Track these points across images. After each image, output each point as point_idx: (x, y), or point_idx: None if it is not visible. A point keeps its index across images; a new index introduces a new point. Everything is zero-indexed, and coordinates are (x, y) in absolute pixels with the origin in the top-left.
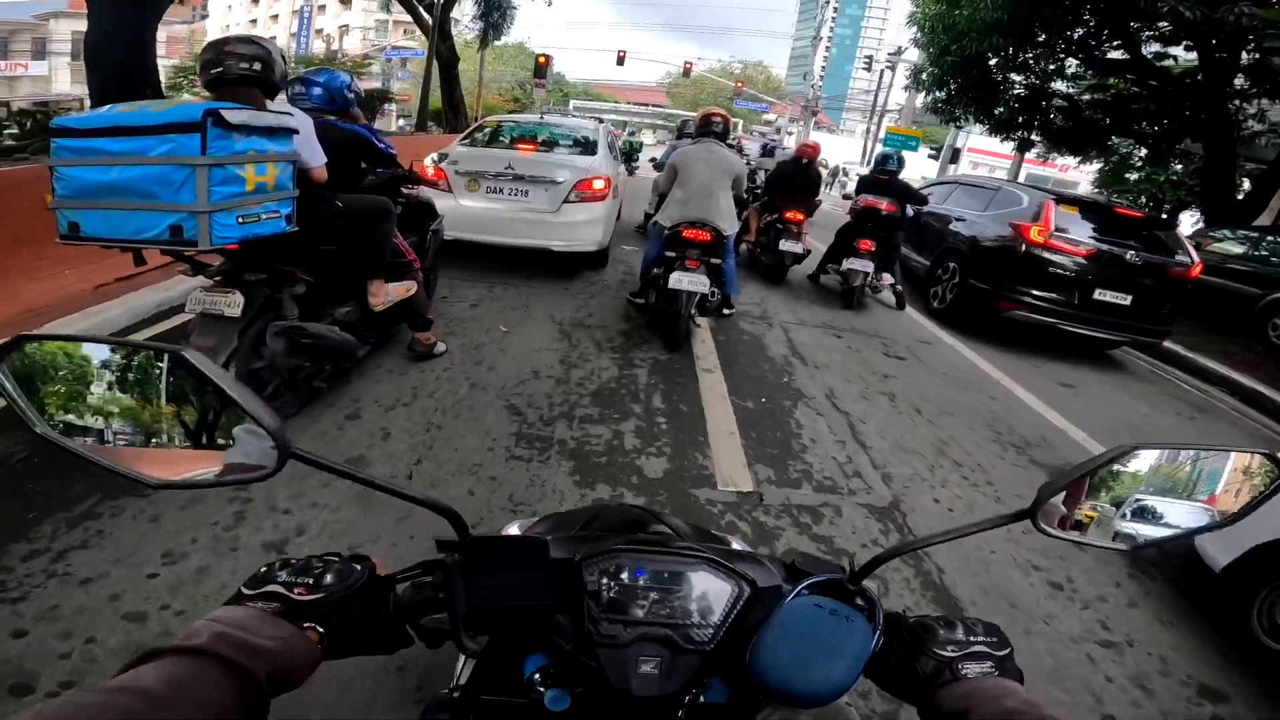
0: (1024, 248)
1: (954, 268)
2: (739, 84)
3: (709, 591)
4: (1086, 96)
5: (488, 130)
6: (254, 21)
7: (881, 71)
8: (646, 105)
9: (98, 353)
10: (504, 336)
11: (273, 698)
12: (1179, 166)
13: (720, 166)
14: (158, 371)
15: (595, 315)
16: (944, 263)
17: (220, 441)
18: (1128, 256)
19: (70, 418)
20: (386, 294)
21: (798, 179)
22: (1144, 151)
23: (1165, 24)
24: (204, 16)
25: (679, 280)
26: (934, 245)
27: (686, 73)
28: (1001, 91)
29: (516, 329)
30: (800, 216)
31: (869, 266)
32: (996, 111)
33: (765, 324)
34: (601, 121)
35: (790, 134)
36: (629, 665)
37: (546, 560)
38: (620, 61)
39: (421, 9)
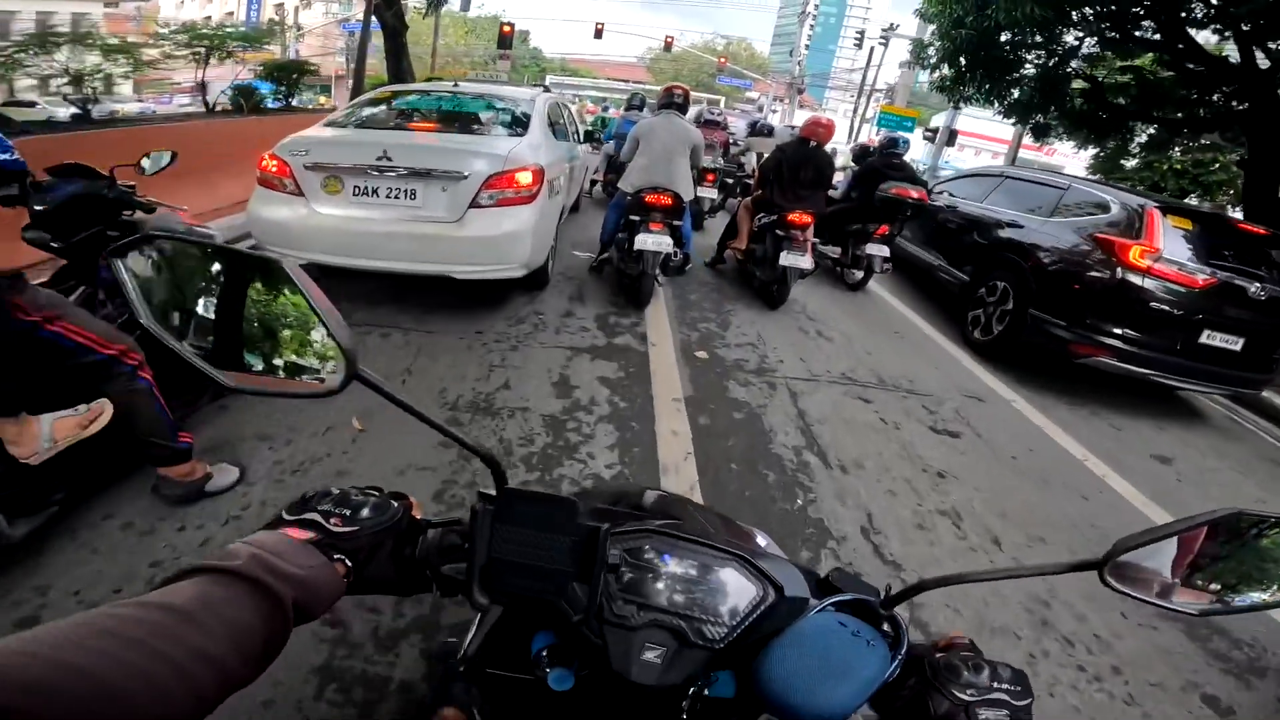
0: (1117, 273)
1: (1005, 289)
2: (722, 60)
3: (733, 590)
4: (1110, 78)
5: (376, 104)
6: None
7: (871, 49)
8: (626, 81)
9: (204, 256)
10: (354, 442)
11: (295, 625)
12: (1209, 157)
13: (680, 136)
14: (252, 278)
15: (515, 386)
16: (989, 281)
17: (293, 354)
18: (1252, 290)
19: (170, 313)
20: (39, 437)
21: (804, 168)
22: (1172, 142)
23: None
24: None
25: (644, 241)
26: (965, 252)
27: (668, 47)
28: (1019, 70)
29: (378, 422)
30: (808, 219)
31: (886, 251)
32: (1014, 93)
33: (765, 385)
34: (547, 90)
35: (774, 112)
36: (632, 649)
37: (574, 525)
38: (598, 35)
39: None
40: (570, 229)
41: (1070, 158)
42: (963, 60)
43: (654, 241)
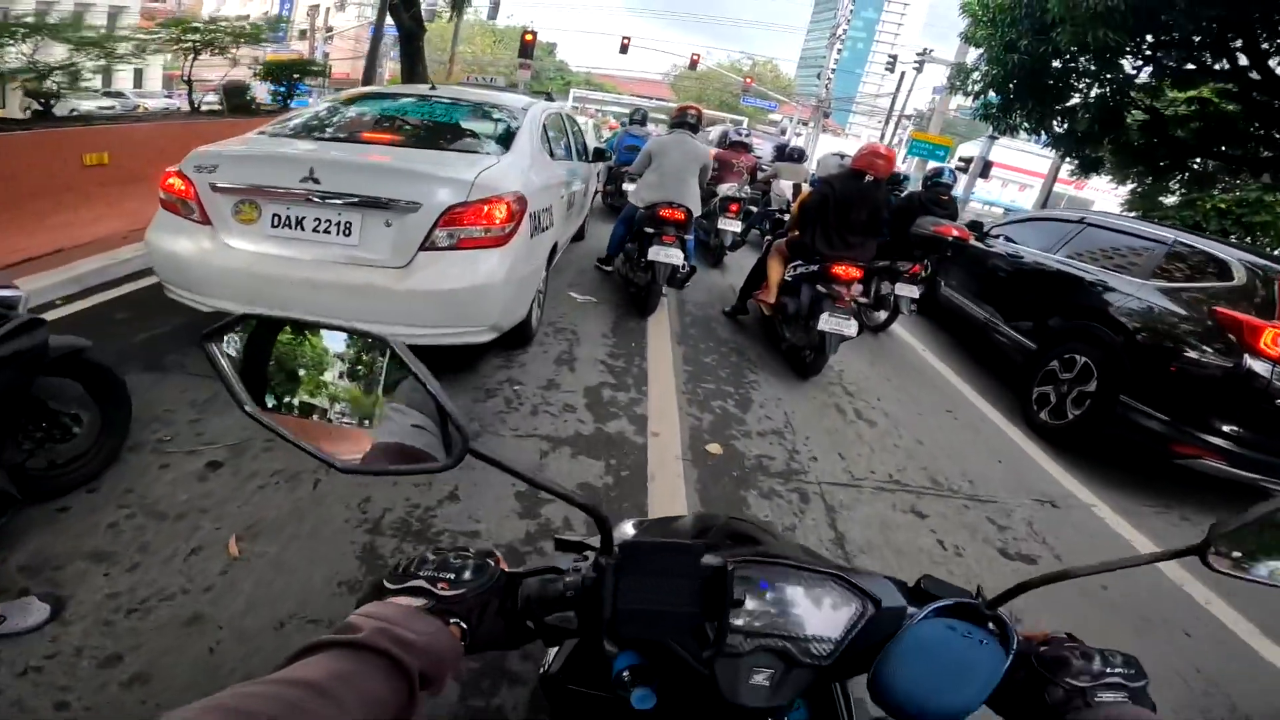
0: (1242, 361)
1: (1085, 366)
2: (748, 80)
3: (832, 608)
4: (1170, 109)
5: (332, 109)
6: None
7: (902, 73)
8: (650, 98)
9: (306, 335)
10: (224, 573)
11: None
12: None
13: (691, 155)
14: (359, 356)
15: (467, 496)
16: (1063, 353)
17: (403, 430)
18: None
19: (272, 396)
20: None
21: (857, 208)
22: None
23: None
24: None
25: (657, 254)
26: (1029, 311)
27: (693, 65)
28: (1075, 99)
29: (266, 545)
30: (855, 272)
31: (915, 293)
32: (1060, 121)
33: (796, 496)
34: (550, 99)
35: (798, 135)
36: (740, 674)
37: (696, 568)
38: (624, 50)
39: None
40: (571, 259)
41: (1104, 193)
42: (1011, 87)
43: (666, 254)
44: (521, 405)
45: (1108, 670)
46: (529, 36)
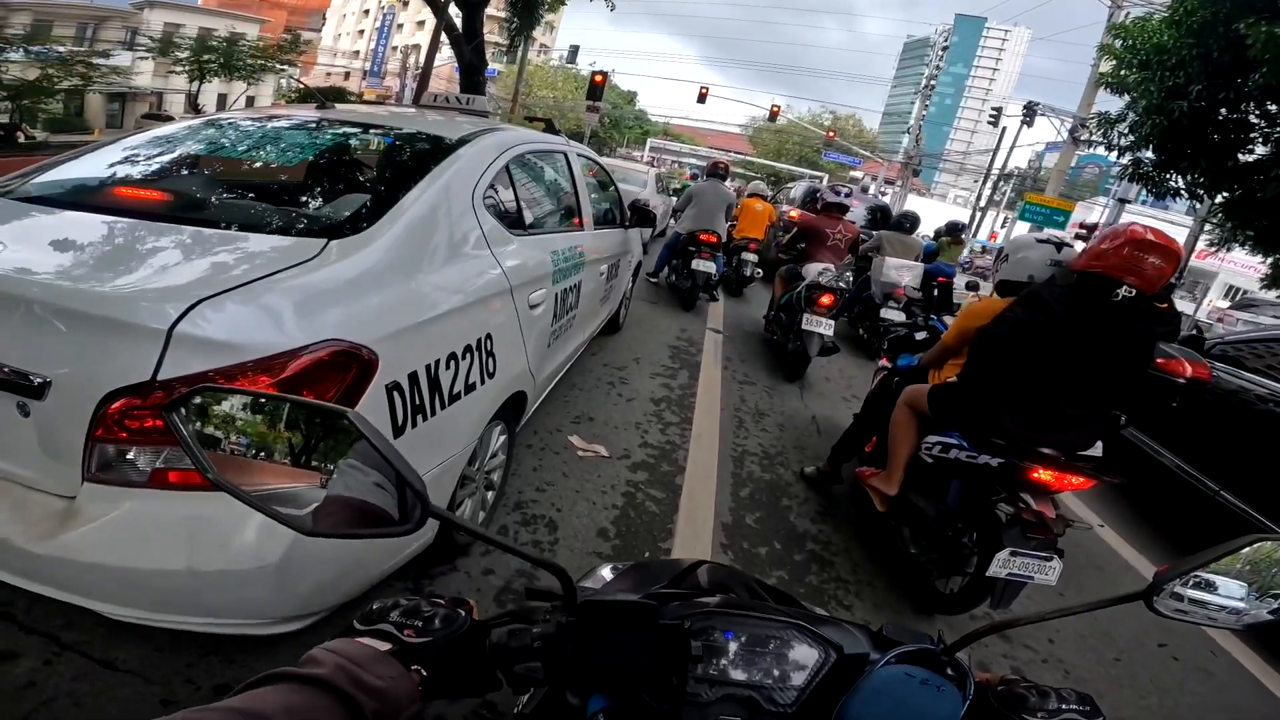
0: None
1: None
2: (830, 133)
3: (796, 656)
4: None
5: (142, 142)
6: (361, 32)
7: (1003, 128)
8: (727, 151)
9: (266, 406)
10: None
11: None
12: None
13: (721, 196)
14: (317, 427)
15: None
16: None
17: (367, 496)
18: None
19: (237, 465)
20: None
21: (1095, 353)
22: None
23: None
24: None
25: (698, 264)
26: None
27: (773, 117)
28: (1256, 153)
29: None
30: (1072, 482)
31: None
32: (1232, 186)
33: None
34: (555, 130)
35: (883, 193)
36: None
37: (654, 625)
38: (702, 99)
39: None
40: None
41: (1235, 264)
42: (1169, 142)
43: (703, 265)
44: None
45: (1063, 707)
46: (599, 78)
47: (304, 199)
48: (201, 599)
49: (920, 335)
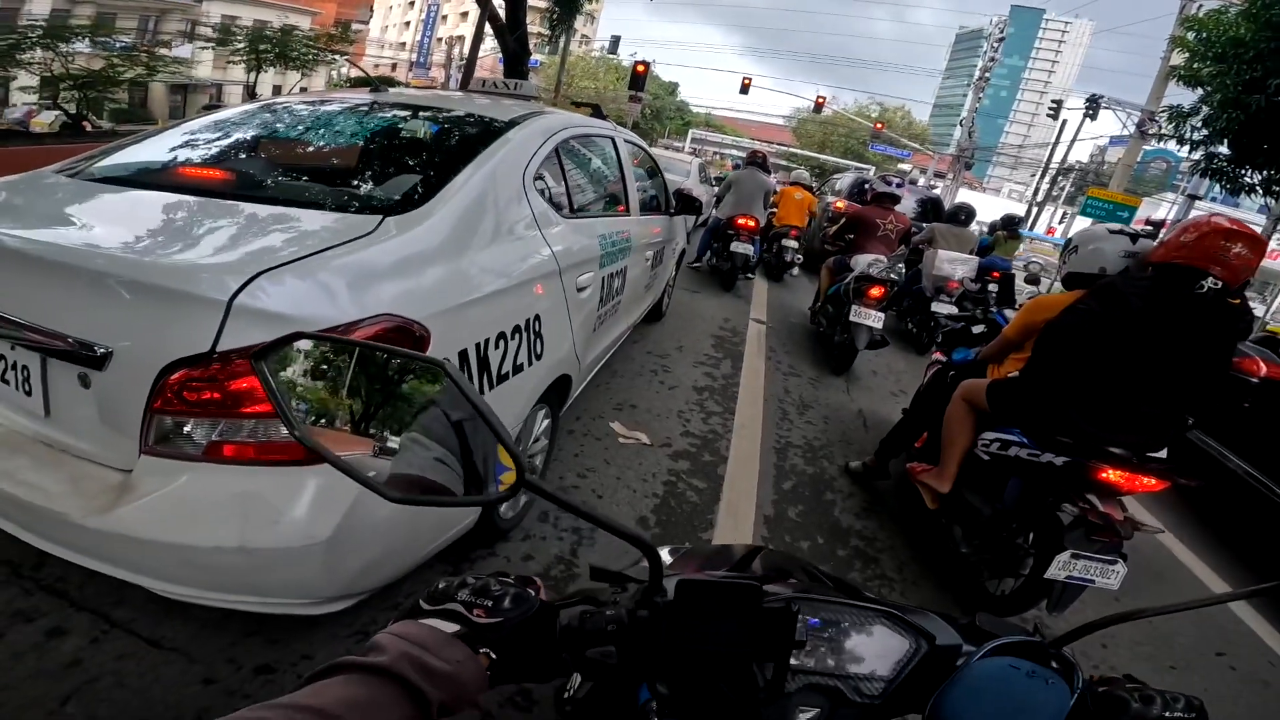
0: None
1: None
2: (879, 125)
3: (883, 645)
4: None
5: (210, 125)
6: (408, 23)
7: (1064, 121)
8: (770, 144)
9: (354, 356)
10: None
11: None
12: None
13: (759, 184)
14: (412, 381)
15: None
16: None
17: (424, 463)
18: None
19: (324, 420)
20: None
21: (1172, 349)
22: None
23: None
24: (367, 20)
25: (737, 247)
26: None
27: (818, 108)
28: None
29: None
30: (1144, 483)
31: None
32: None
33: None
34: (601, 115)
35: (934, 186)
36: (786, 714)
37: (758, 608)
38: (744, 89)
39: None
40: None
41: None
42: (1246, 137)
43: (743, 248)
44: None
45: (1168, 714)
46: (641, 67)
47: (359, 179)
48: (251, 577)
49: (978, 329)
